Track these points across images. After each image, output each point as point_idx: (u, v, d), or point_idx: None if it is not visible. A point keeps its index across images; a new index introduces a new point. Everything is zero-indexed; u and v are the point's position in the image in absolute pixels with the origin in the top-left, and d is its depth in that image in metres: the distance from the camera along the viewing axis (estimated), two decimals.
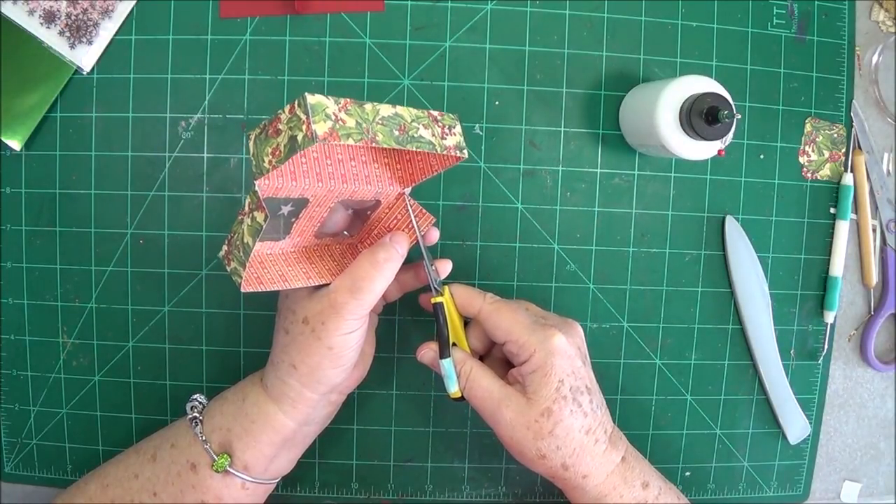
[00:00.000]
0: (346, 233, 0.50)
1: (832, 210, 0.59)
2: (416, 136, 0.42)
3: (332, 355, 0.44)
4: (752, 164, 0.58)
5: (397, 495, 0.58)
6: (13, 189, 0.55)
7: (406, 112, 0.42)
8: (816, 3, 0.58)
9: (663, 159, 0.57)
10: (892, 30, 0.59)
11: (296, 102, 0.38)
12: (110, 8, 0.53)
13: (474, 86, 0.55)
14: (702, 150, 0.49)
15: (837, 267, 0.59)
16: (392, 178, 0.48)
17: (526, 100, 0.56)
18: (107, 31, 0.53)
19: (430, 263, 0.48)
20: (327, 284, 0.44)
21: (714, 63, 0.57)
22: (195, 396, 0.50)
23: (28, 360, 0.56)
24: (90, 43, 0.53)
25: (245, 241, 0.41)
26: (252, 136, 0.40)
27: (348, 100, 0.39)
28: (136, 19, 0.54)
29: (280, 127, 0.39)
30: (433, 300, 0.48)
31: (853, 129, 0.59)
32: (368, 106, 0.40)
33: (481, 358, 0.50)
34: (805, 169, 0.59)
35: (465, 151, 0.45)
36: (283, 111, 0.38)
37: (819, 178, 0.59)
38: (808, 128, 0.58)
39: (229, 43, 0.54)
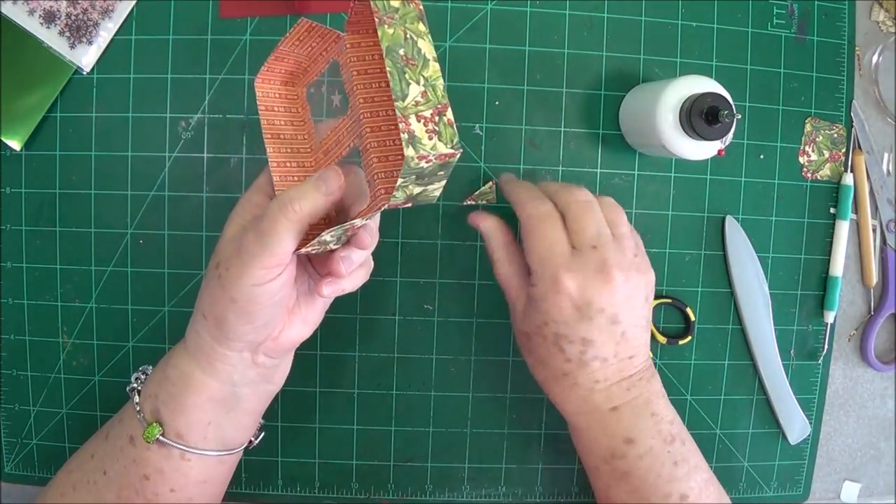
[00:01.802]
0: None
1: (832, 210, 0.59)
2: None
3: (237, 308, 0.39)
4: (752, 164, 0.58)
5: (397, 495, 0.58)
6: (13, 189, 0.55)
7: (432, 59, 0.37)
8: (816, 3, 0.58)
9: (663, 159, 0.57)
10: (892, 30, 0.59)
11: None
12: (110, 8, 0.53)
13: (474, 86, 0.55)
14: (702, 150, 0.49)
15: (837, 267, 0.59)
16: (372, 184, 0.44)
17: (526, 100, 0.56)
18: (107, 31, 0.53)
19: None
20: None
21: (714, 63, 0.57)
22: (142, 367, 0.47)
23: (28, 360, 0.56)
24: (90, 43, 0.53)
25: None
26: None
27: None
28: (136, 19, 0.54)
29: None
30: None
31: (853, 129, 0.59)
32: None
33: None
34: (805, 169, 0.59)
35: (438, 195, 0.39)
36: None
37: (819, 178, 0.59)
38: (808, 128, 0.58)
39: (229, 43, 0.54)
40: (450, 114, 0.35)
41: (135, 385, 0.45)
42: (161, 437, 0.42)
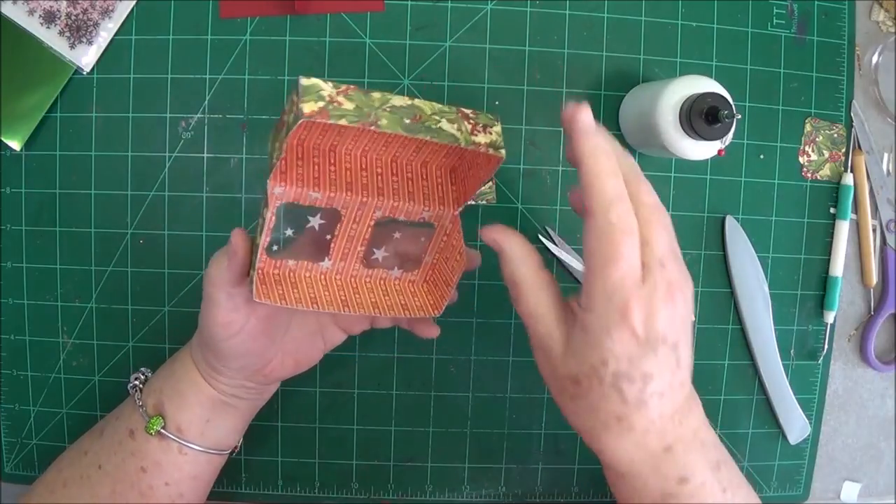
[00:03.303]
0: (398, 269, 0.46)
1: (832, 210, 0.59)
2: (434, 127, 0.38)
3: (212, 351, 0.44)
4: (752, 164, 0.58)
5: (397, 495, 0.58)
6: (13, 189, 0.55)
7: (427, 105, 0.38)
8: (816, 3, 0.58)
9: (663, 159, 0.57)
10: (892, 30, 0.59)
11: (294, 89, 0.36)
12: (110, 8, 0.53)
13: (474, 86, 0.55)
14: (702, 150, 0.49)
15: (837, 267, 0.59)
16: (444, 199, 0.44)
17: (526, 100, 0.56)
18: (107, 31, 0.53)
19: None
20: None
21: (714, 63, 0.57)
22: (141, 369, 0.49)
23: (28, 360, 0.56)
24: (90, 43, 0.53)
25: (256, 242, 0.39)
26: (270, 137, 0.39)
27: (353, 86, 0.37)
28: (136, 19, 0.54)
29: (284, 118, 0.38)
30: None
31: (853, 129, 0.59)
32: (377, 94, 0.37)
33: None
34: (805, 169, 0.59)
35: (503, 152, 0.39)
36: (286, 102, 0.38)
37: (819, 178, 0.59)
38: (808, 128, 0.58)
39: (229, 43, 0.54)
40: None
41: (136, 383, 0.48)
42: (162, 430, 0.44)
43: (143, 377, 0.49)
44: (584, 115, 0.37)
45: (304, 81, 0.36)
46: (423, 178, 0.44)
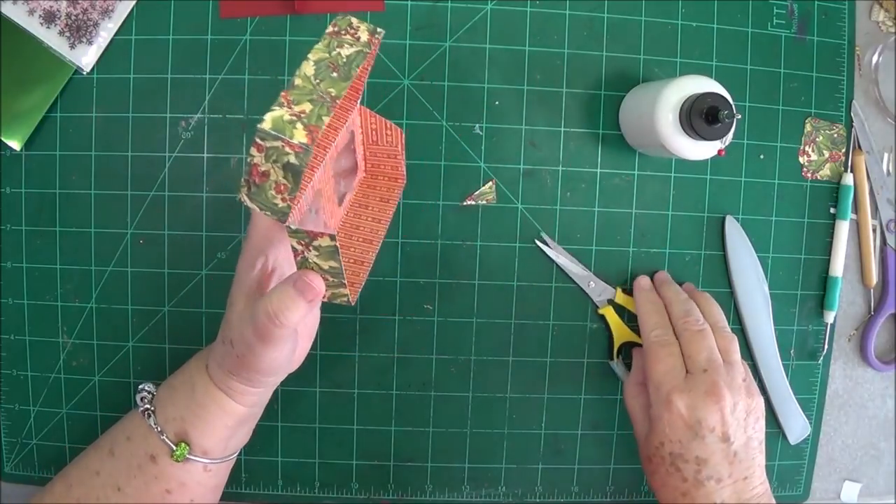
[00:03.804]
0: (353, 183, 0.48)
1: (832, 210, 0.59)
2: (344, 61, 0.39)
3: (264, 371, 0.44)
4: (752, 164, 0.58)
5: (397, 495, 0.58)
6: (13, 189, 0.55)
7: (318, 53, 0.39)
8: (816, 3, 0.58)
9: (663, 159, 0.57)
10: (892, 30, 0.59)
11: (257, 139, 0.35)
12: (110, 8, 0.53)
13: (474, 86, 0.55)
14: (702, 150, 0.49)
15: (837, 267, 0.59)
16: (342, 104, 0.45)
17: (526, 100, 0.56)
18: (107, 31, 0.53)
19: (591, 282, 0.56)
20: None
21: (714, 63, 0.57)
22: (143, 386, 0.48)
23: (28, 360, 0.56)
24: (90, 43, 0.53)
25: (330, 267, 0.39)
26: (245, 197, 0.38)
27: (283, 93, 0.36)
28: (136, 19, 0.54)
29: (263, 169, 0.36)
30: (599, 311, 0.57)
31: (853, 129, 0.59)
32: (297, 80, 0.37)
33: None
34: (805, 169, 0.59)
35: (380, 30, 0.41)
36: (252, 155, 0.36)
37: (819, 178, 0.59)
38: (808, 128, 0.58)
39: (229, 43, 0.54)
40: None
41: (149, 407, 0.46)
42: (189, 456, 0.45)
43: (149, 395, 0.47)
44: (640, 279, 0.56)
45: (268, 125, 0.34)
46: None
